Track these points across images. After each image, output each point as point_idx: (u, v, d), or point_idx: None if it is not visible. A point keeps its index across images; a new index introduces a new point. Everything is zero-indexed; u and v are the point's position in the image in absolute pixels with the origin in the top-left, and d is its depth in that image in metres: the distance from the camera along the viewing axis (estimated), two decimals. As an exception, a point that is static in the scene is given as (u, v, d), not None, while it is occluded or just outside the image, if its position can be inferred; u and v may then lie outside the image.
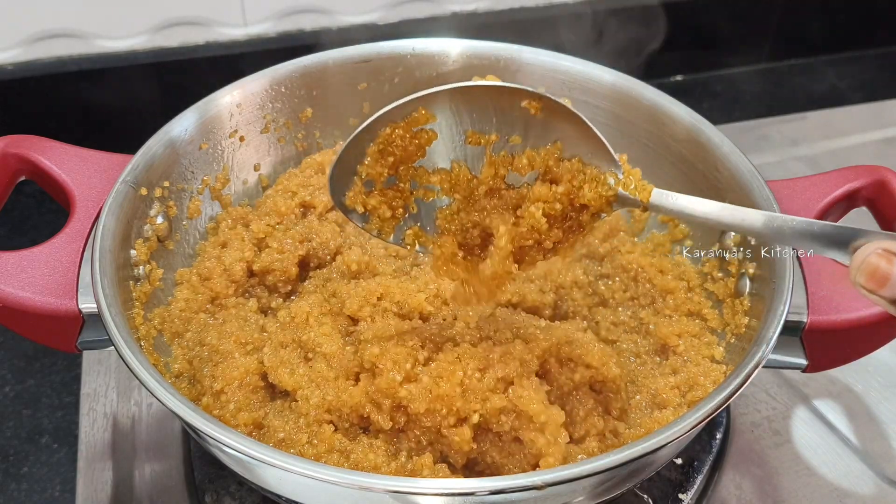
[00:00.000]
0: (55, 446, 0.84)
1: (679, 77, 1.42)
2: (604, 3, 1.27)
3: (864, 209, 0.76)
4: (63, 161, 0.74)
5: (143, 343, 0.69)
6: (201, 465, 0.76)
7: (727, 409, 0.85)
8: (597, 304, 0.81)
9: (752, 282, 0.73)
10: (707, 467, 0.78)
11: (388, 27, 1.22)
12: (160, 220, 0.77)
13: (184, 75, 1.14)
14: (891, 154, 1.24)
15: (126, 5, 1.10)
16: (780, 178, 0.77)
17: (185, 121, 0.80)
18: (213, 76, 0.88)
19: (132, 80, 1.13)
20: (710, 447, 0.79)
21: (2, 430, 0.86)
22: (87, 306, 0.65)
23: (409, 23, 1.23)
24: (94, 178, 0.73)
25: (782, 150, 1.24)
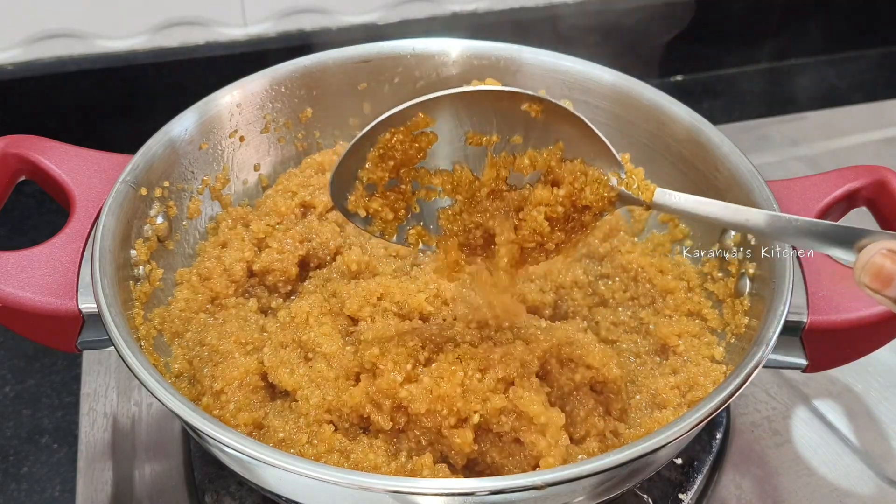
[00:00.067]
0: (55, 446, 0.84)
1: (679, 77, 1.42)
2: (604, 3, 1.27)
3: (864, 209, 0.76)
4: (63, 161, 0.74)
5: (143, 343, 0.69)
6: (201, 465, 0.76)
7: (727, 409, 0.85)
8: (597, 304, 0.81)
9: (752, 282, 0.73)
10: (707, 467, 0.78)
11: (388, 27, 1.22)
12: (160, 220, 0.77)
13: (184, 75, 1.14)
14: (891, 154, 1.24)
15: (126, 5, 1.10)
16: (780, 178, 0.77)
17: (185, 121, 0.80)
18: (213, 76, 0.88)
19: (132, 80, 1.13)
20: (710, 447, 0.79)
21: (2, 430, 0.86)
22: (87, 306, 0.65)
23: (409, 23, 1.23)
24: (94, 178, 0.73)
25: (782, 150, 1.24)
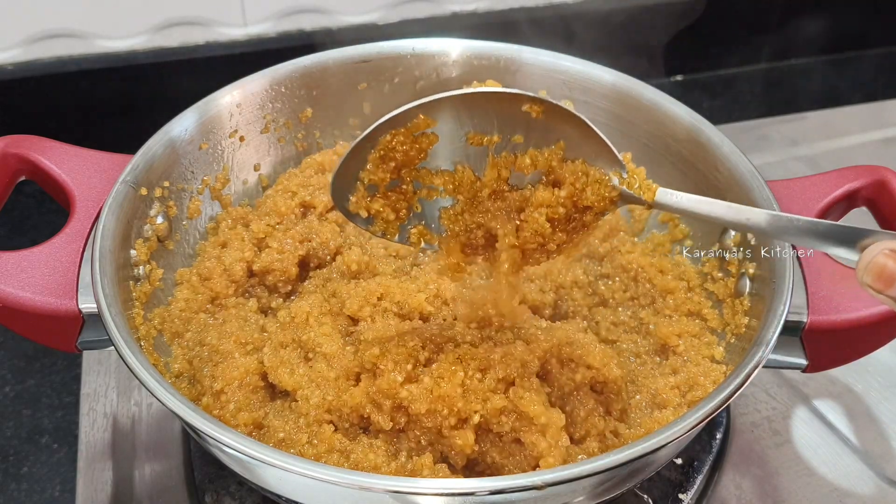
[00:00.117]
0: (55, 446, 0.84)
1: (679, 77, 1.42)
2: (604, 3, 1.27)
3: (864, 209, 0.76)
4: (63, 161, 0.74)
5: (143, 343, 0.69)
6: (201, 465, 0.76)
7: (727, 409, 0.85)
8: (597, 304, 0.81)
9: (752, 282, 0.73)
10: (707, 467, 0.78)
11: (388, 27, 1.22)
12: (160, 220, 0.77)
13: (184, 75, 1.14)
14: (891, 154, 1.24)
15: (126, 5, 1.10)
16: (780, 178, 0.77)
17: (185, 121, 0.80)
18: (213, 76, 0.88)
19: (132, 80, 1.13)
20: (710, 447, 0.79)
21: (2, 430, 0.86)
22: (87, 306, 0.65)
23: (409, 23, 1.23)
24: (94, 178, 0.73)
25: (782, 150, 1.24)
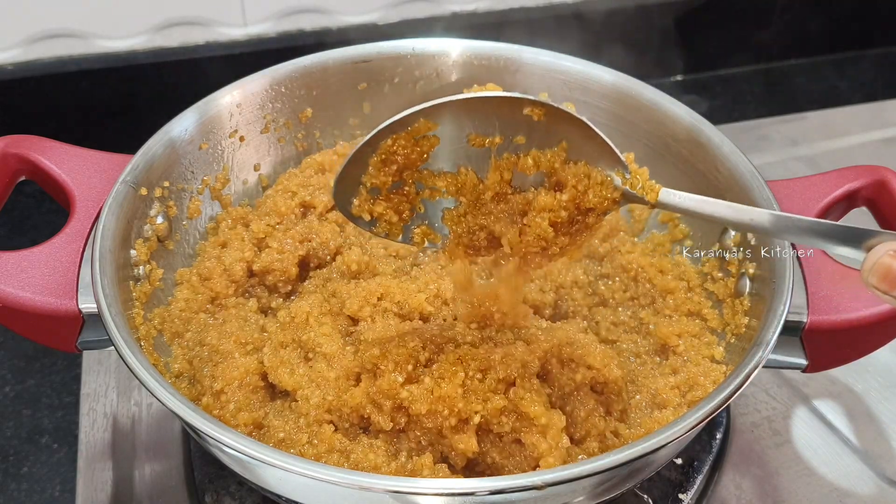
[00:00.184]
0: (55, 446, 0.84)
1: (679, 77, 1.42)
2: (604, 3, 1.27)
3: (864, 209, 0.76)
4: (63, 161, 0.74)
5: (143, 343, 0.69)
6: (201, 465, 0.76)
7: (727, 409, 0.85)
8: (597, 304, 0.81)
9: (752, 282, 0.73)
10: (707, 467, 0.78)
11: (388, 27, 1.22)
12: (160, 220, 0.77)
13: (184, 75, 1.14)
14: (891, 154, 1.24)
15: (126, 5, 1.10)
16: (780, 178, 0.77)
17: (185, 121, 0.80)
18: (213, 76, 0.88)
19: (132, 80, 1.13)
20: (710, 447, 0.79)
21: (2, 430, 0.86)
22: (87, 306, 0.65)
23: (409, 23, 1.23)
24: (94, 178, 0.73)
25: (782, 150, 1.24)
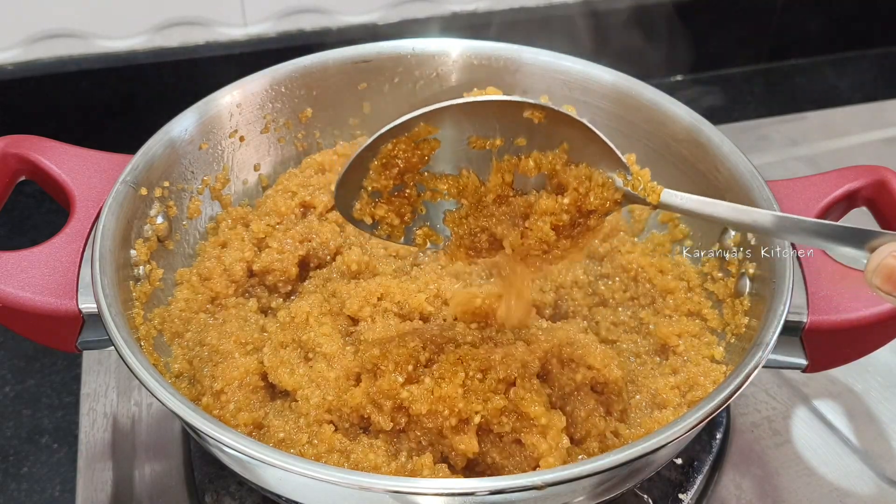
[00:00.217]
0: (55, 446, 0.84)
1: (679, 77, 1.42)
2: (604, 3, 1.27)
3: (864, 209, 0.76)
4: (63, 161, 0.74)
5: (143, 343, 0.69)
6: (201, 465, 0.76)
7: (727, 409, 0.85)
8: (597, 304, 0.81)
9: (752, 282, 0.73)
10: (707, 467, 0.78)
11: (388, 27, 1.22)
12: (160, 220, 0.77)
13: (184, 75, 1.14)
14: (891, 154, 1.24)
15: (126, 5, 1.10)
16: (780, 178, 0.77)
17: (185, 121, 0.80)
18: (213, 76, 0.88)
19: (132, 80, 1.13)
20: (710, 447, 0.79)
21: (2, 430, 0.86)
22: (87, 306, 0.65)
23: (409, 23, 1.23)
24: (94, 178, 0.73)
25: (782, 150, 1.24)
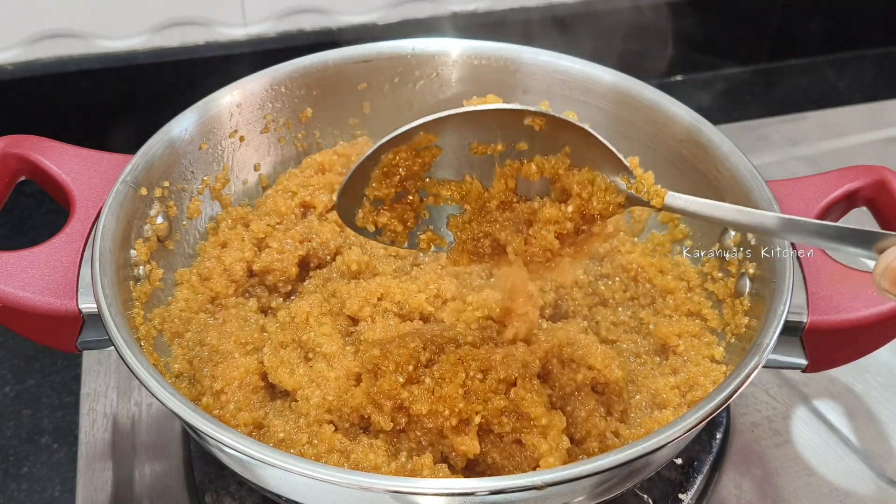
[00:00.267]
0: (55, 446, 0.84)
1: (679, 77, 1.42)
2: (604, 3, 1.27)
3: (864, 209, 0.76)
4: (63, 161, 0.74)
5: (143, 343, 0.69)
6: (201, 465, 0.76)
7: (727, 409, 0.85)
8: (597, 304, 0.81)
9: (752, 282, 0.73)
10: (707, 467, 0.78)
11: (388, 27, 1.22)
12: (160, 220, 0.77)
13: (184, 75, 1.14)
14: (891, 154, 1.24)
15: (126, 5, 1.10)
16: (780, 178, 0.77)
17: (185, 121, 0.80)
18: (213, 76, 0.88)
19: (132, 80, 1.13)
20: (710, 447, 0.79)
21: (2, 430, 0.86)
22: (87, 306, 0.65)
23: (409, 23, 1.23)
24: (94, 178, 0.73)
25: (782, 150, 1.24)
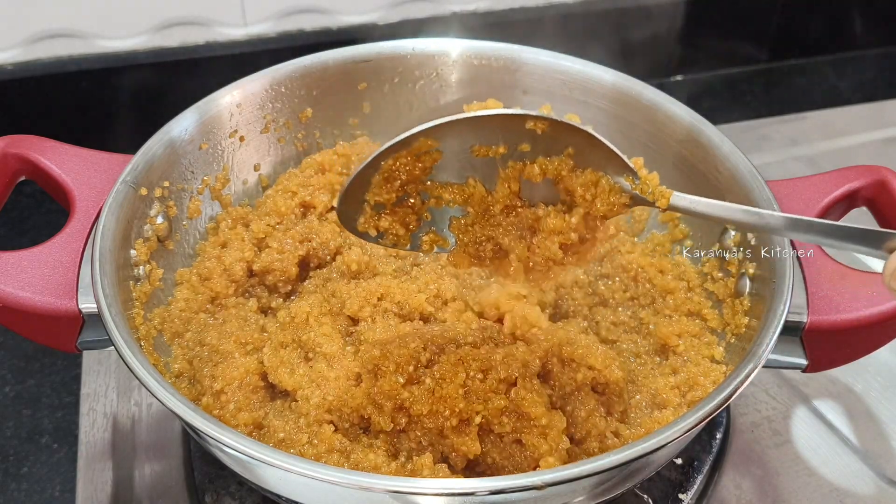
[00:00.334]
0: (55, 446, 0.84)
1: (679, 77, 1.42)
2: (604, 3, 1.27)
3: (864, 209, 0.76)
4: (63, 161, 0.74)
5: (143, 343, 0.69)
6: (201, 465, 0.76)
7: (727, 409, 0.85)
8: (597, 304, 0.81)
9: (752, 282, 0.73)
10: (707, 467, 0.78)
11: (388, 27, 1.22)
12: (160, 220, 0.77)
13: (184, 75, 1.14)
14: (891, 154, 1.24)
15: (126, 5, 1.09)
16: (780, 178, 0.77)
17: (185, 121, 0.80)
18: (213, 76, 0.88)
19: (132, 80, 1.13)
20: (710, 447, 0.79)
21: (2, 430, 0.86)
22: (87, 306, 0.65)
23: (409, 23, 1.23)
24: (94, 178, 0.73)
25: (782, 150, 1.24)
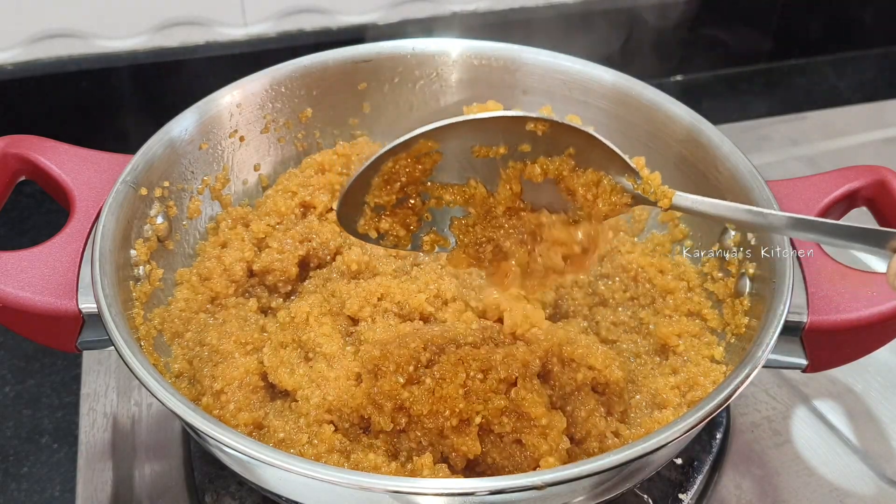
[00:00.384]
0: (55, 446, 0.84)
1: (679, 77, 1.42)
2: (604, 3, 1.27)
3: (864, 209, 0.76)
4: (63, 161, 0.74)
5: (143, 343, 0.69)
6: (201, 465, 0.76)
7: (727, 409, 0.85)
8: (597, 304, 0.81)
9: (752, 282, 0.73)
10: (707, 467, 0.78)
11: (388, 27, 1.22)
12: (160, 220, 0.77)
13: (184, 75, 1.14)
14: (891, 154, 1.24)
15: (126, 5, 1.10)
16: (780, 178, 0.77)
17: (185, 121, 0.80)
18: (213, 76, 0.88)
19: (132, 80, 1.13)
20: (710, 447, 0.79)
21: (2, 430, 0.86)
22: (87, 306, 0.65)
23: (409, 23, 1.23)
24: (94, 178, 0.73)
25: (782, 150, 1.24)
